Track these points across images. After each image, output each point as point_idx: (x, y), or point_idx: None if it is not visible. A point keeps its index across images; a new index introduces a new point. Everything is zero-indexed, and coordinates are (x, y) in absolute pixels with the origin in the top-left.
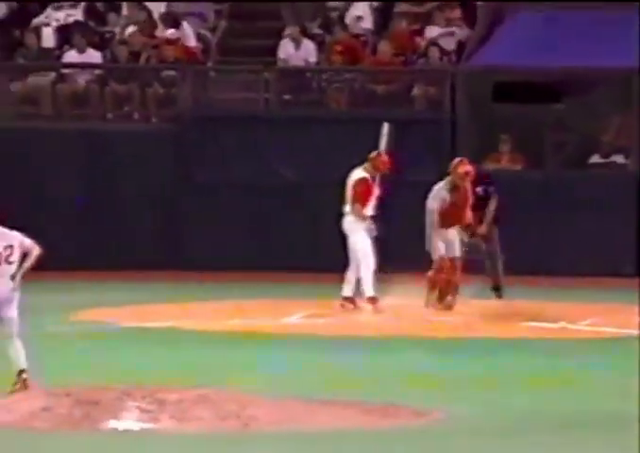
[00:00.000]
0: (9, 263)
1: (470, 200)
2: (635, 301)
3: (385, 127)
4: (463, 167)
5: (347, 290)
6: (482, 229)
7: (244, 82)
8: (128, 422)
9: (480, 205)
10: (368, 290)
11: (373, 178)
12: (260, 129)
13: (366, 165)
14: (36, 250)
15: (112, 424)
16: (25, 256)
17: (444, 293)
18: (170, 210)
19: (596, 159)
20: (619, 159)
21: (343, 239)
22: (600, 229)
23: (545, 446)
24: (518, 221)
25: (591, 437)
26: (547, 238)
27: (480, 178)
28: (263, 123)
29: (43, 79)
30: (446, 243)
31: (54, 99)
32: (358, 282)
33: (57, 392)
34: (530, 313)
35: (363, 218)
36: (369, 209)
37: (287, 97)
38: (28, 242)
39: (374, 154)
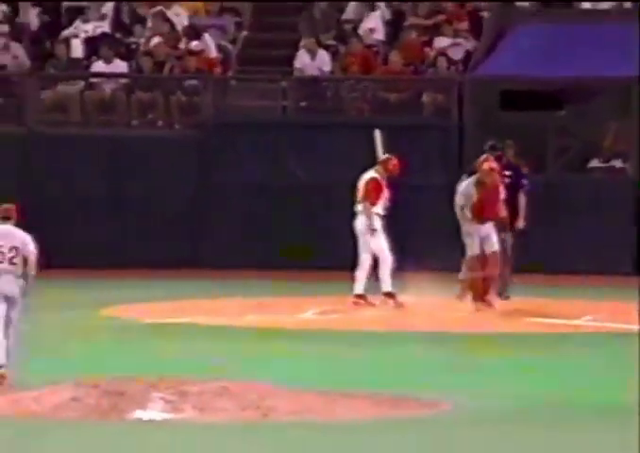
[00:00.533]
0: (13, 264)
1: (501, 195)
2: (632, 298)
3: (377, 134)
4: (489, 164)
5: (359, 288)
6: (520, 224)
7: (263, 90)
8: (153, 412)
9: (508, 195)
10: (386, 286)
11: (383, 180)
12: (277, 134)
13: (377, 167)
14: (34, 259)
15: (138, 414)
16: (25, 260)
17: (481, 291)
18: (191, 211)
19: (595, 163)
20: (618, 163)
21: (354, 238)
22: (600, 230)
23: (547, 436)
24: None
25: (591, 427)
26: (549, 238)
27: (508, 167)
28: (281, 128)
29: (72, 88)
30: (483, 239)
31: (82, 106)
32: (370, 279)
33: (85, 383)
34: (533, 310)
35: (370, 215)
36: (379, 208)
37: (303, 104)
38: (30, 248)
39: (384, 157)
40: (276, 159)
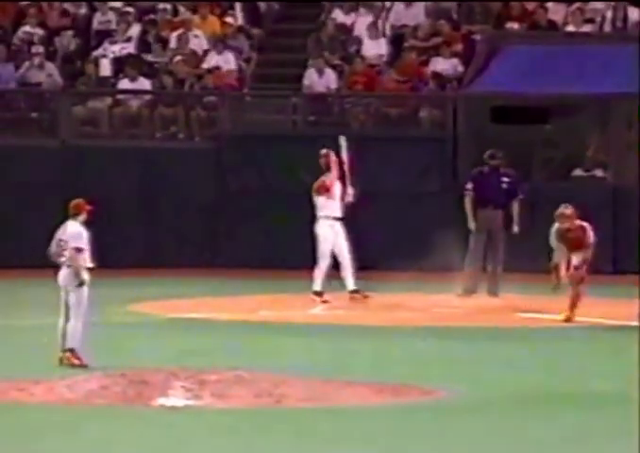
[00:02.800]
0: (63, 256)
1: (583, 238)
2: (612, 295)
3: (342, 140)
4: (558, 210)
5: (350, 284)
6: (515, 229)
7: (275, 106)
8: (175, 399)
9: (504, 200)
10: (316, 284)
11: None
12: (288, 146)
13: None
14: (68, 252)
15: (161, 400)
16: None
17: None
18: (210, 216)
19: (578, 172)
20: (599, 172)
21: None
22: None
23: (542, 423)
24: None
25: (584, 416)
26: (535, 241)
27: (506, 175)
28: (291, 140)
29: (101, 104)
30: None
31: (110, 121)
32: (345, 276)
33: (113, 373)
34: (523, 305)
35: (333, 198)
36: (332, 210)
37: (312, 118)
38: (72, 243)
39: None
40: (287, 167)
